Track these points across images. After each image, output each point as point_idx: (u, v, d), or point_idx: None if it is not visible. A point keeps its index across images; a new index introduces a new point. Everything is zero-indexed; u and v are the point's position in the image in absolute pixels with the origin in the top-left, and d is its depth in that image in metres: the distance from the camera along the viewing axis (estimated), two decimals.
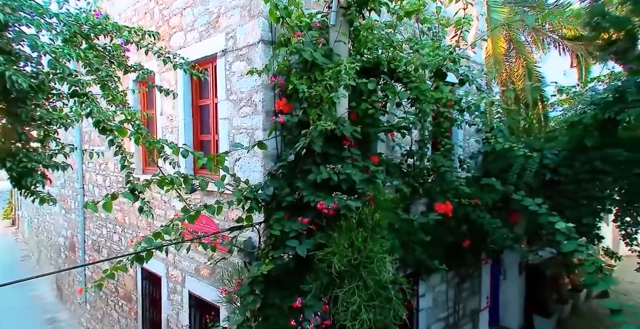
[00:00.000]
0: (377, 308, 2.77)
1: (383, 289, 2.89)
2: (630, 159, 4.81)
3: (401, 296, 3.06)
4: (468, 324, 6.38)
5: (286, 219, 3.17)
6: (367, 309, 2.68)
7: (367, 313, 2.64)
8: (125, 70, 2.65)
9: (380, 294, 2.85)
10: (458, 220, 5.08)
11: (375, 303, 2.74)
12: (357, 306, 2.68)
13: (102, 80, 2.27)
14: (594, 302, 9.84)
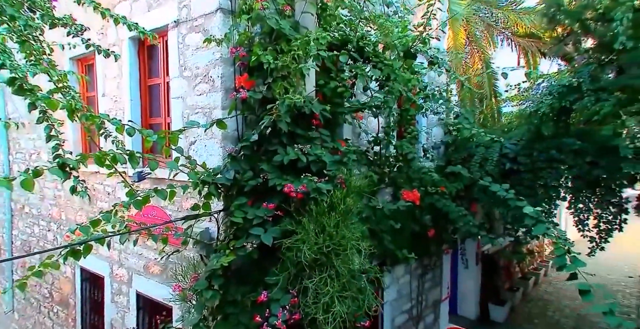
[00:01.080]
0: (350, 299, 2.54)
1: (356, 279, 2.67)
2: (582, 148, 4.98)
3: (372, 286, 2.88)
4: (430, 315, 6.38)
5: (249, 205, 2.86)
6: (339, 301, 2.45)
7: (340, 304, 2.40)
8: (52, 24, 2.19)
9: (353, 284, 2.63)
10: (423, 209, 5.02)
11: (348, 293, 2.52)
12: (330, 297, 2.43)
13: (21, 33, 1.83)
14: (541, 288, 10.40)
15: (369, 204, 3.85)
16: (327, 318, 2.40)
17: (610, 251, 14.37)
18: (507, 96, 9.41)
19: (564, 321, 8.36)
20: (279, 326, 2.36)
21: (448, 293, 6.92)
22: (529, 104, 5.49)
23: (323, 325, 2.52)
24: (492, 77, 8.67)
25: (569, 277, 3.25)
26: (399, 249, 4.20)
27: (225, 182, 2.88)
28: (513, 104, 8.33)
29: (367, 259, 2.71)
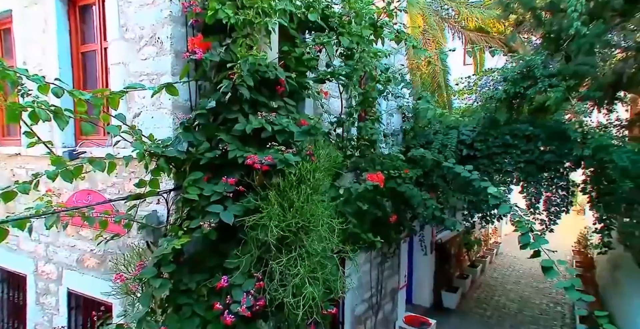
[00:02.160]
0: (321, 281, 2.29)
1: (328, 260, 2.43)
2: (534, 134, 5.15)
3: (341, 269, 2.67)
4: (389, 304, 6.33)
5: (205, 181, 2.51)
6: (310, 283, 2.19)
7: (311, 286, 2.15)
8: None
9: (324, 265, 2.39)
10: (385, 194, 4.91)
11: (319, 274, 2.27)
12: (300, 279, 2.17)
13: None
14: (487, 274, 10.87)
15: (335, 185, 3.63)
16: (298, 302, 2.13)
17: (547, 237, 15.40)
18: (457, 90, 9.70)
19: (509, 304, 8.77)
20: (242, 312, 2.06)
21: (405, 281, 6.93)
22: (484, 91, 5.56)
23: (292, 310, 2.25)
24: (445, 70, 8.87)
25: (532, 254, 3.26)
26: (364, 233, 4.03)
27: (177, 155, 2.50)
28: (463, 98, 8.54)
29: (339, 238, 2.48)
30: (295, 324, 2.45)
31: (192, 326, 2.32)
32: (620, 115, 6.55)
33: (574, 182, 5.25)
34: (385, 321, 6.22)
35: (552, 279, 9.45)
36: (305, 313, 2.49)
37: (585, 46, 4.43)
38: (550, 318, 8.08)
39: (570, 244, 13.01)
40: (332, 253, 2.47)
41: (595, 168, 4.79)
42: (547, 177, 5.26)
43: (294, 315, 2.40)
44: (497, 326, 7.62)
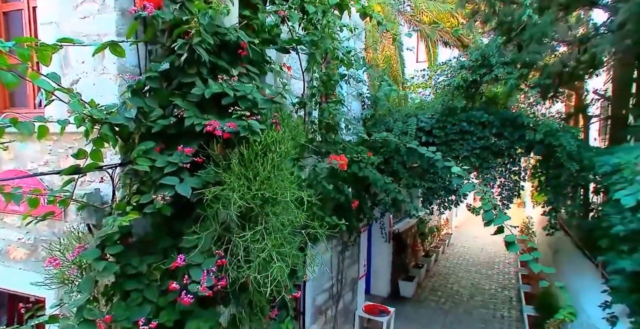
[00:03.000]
0: (289, 257, 2.11)
1: (295, 236, 2.25)
2: (489, 121, 5.31)
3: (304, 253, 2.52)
4: (349, 294, 6.27)
5: (158, 152, 2.23)
6: (277, 259, 2.00)
7: (279, 262, 1.96)
8: None
9: (291, 241, 2.21)
10: (347, 180, 4.82)
11: (287, 249, 2.08)
12: (267, 254, 1.97)
13: None
14: (440, 264, 11.23)
15: (299, 164, 3.45)
16: (264, 278, 1.93)
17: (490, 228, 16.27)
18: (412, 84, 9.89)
19: (462, 290, 9.09)
20: (202, 291, 1.83)
21: (365, 271, 6.91)
22: (442, 80, 5.65)
23: (257, 289, 2.05)
24: (401, 62, 8.99)
25: (496, 231, 3.30)
26: (328, 217, 3.89)
27: (124, 122, 2.19)
28: (417, 93, 8.71)
29: (307, 213, 2.31)
30: (260, 306, 2.25)
31: (143, 313, 2.04)
32: (560, 109, 7.01)
33: (525, 167, 5.48)
34: (345, 310, 6.15)
35: (498, 267, 9.84)
36: (271, 294, 2.31)
37: (537, 35, 4.61)
38: (499, 302, 8.47)
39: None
40: (301, 228, 2.30)
41: (544, 153, 5.01)
42: (500, 163, 5.44)
43: (258, 295, 2.21)
44: (451, 312, 7.84)
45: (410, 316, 7.51)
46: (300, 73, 4.23)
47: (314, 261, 3.03)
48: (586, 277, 5.68)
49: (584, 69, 6.04)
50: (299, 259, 2.22)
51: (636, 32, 4.29)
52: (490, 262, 11.62)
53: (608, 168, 4.09)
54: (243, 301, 2.27)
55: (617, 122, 6.17)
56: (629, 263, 3.28)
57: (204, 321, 2.08)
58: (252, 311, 2.29)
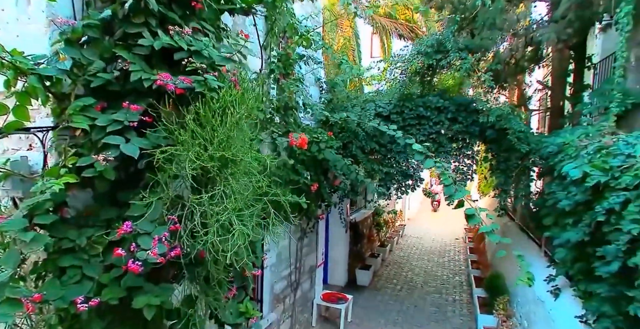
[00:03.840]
0: (250, 223, 1.95)
1: (257, 202, 2.09)
2: (444, 106, 5.43)
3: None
4: (307, 282, 6.16)
5: (99, 110, 1.97)
6: (240, 224, 1.84)
7: (239, 226, 1.80)
8: None
9: (253, 207, 2.04)
10: (305, 163, 4.71)
11: (247, 212, 1.92)
12: (227, 218, 1.80)
13: None
14: (395, 253, 11.46)
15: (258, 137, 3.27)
16: (224, 245, 1.76)
17: (441, 220, 16.84)
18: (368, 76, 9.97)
19: (416, 278, 9.33)
20: (153, 256, 1.62)
21: (323, 259, 6.84)
22: (399, 65, 5.70)
23: (214, 262, 1.88)
24: (358, 50, 9.03)
25: (457, 205, 3.34)
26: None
27: (56, 74, 1.91)
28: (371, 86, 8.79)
29: (269, 178, 2.16)
30: (217, 281, 2.07)
31: (81, 292, 1.78)
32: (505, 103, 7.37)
33: (478, 152, 5.67)
34: (303, 299, 6.04)
35: (449, 255, 10.17)
36: (229, 267, 2.14)
37: (488, 21, 4.76)
38: (451, 287, 8.78)
39: (462, 225, 14.49)
40: (261, 195, 2.14)
41: (495, 137, 5.21)
42: (455, 147, 5.59)
43: (215, 269, 2.03)
44: (406, 298, 8.00)
45: (368, 304, 7.56)
46: (258, 50, 4.05)
47: (274, 236, 2.89)
48: (531, 256, 6.00)
49: (528, 61, 6.38)
50: (260, 228, 2.07)
51: (577, 21, 4.58)
52: (441, 251, 12.06)
53: (554, 148, 4.32)
54: (199, 275, 2.08)
55: (555, 112, 6.59)
56: (573, 234, 3.45)
57: (154, 295, 1.87)
58: (209, 287, 2.10)
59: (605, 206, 2.72)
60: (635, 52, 4.50)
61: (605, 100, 4.63)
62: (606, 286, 2.89)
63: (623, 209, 2.48)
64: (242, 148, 2.01)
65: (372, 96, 6.42)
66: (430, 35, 5.54)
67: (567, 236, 3.57)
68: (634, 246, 2.40)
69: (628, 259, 2.58)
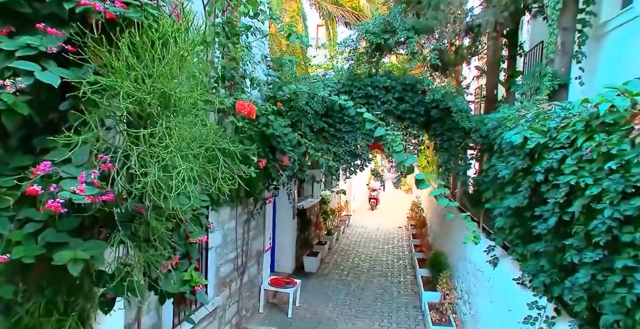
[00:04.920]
0: (196, 166, 1.75)
1: (204, 149, 1.89)
2: (392, 86, 5.51)
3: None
4: (254, 267, 5.95)
5: (5, 34, 1.65)
6: (184, 166, 1.63)
7: (186, 164, 1.60)
8: None
9: (198, 155, 1.84)
10: (252, 138, 4.52)
11: (192, 153, 1.72)
12: (170, 157, 1.59)
13: None
14: (342, 242, 11.56)
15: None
16: (167, 188, 1.55)
17: (385, 211, 17.26)
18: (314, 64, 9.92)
19: (362, 263, 9.47)
20: (80, 192, 1.37)
21: (270, 244, 6.66)
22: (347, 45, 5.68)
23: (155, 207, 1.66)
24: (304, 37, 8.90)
25: (407, 171, 3.36)
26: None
27: None
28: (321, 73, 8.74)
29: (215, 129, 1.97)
30: (158, 237, 1.84)
31: None
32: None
33: (424, 131, 5.83)
34: (250, 284, 5.82)
35: (393, 242, 10.37)
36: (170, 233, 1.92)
37: (433, 1, 4.88)
38: (396, 270, 9.03)
39: (405, 214, 15.08)
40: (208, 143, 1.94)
41: (440, 116, 5.38)
42: (402, 126, 5.69)
43: (155, 224, 1.80)
44: (353, 281, 8.08)
45: (316, 289, 7.51)
46: (201, 18, 3.78)
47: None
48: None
49: (467, 48, 6.70)
50: (208, 178, 1.87)
51: (512, 5, 4.86)
52: (386, 238, 12.39)
53: (494, 123, 4.55)
54: (136, 230, 1.83)
55: (490, 98, 6.99)
56: (512, 200, 3.63)
57: (83, 249, 1.60)
58: (148, 245, 1.86)
59: (544, 166, 2.87)
60: (561, 37, 4.86)
61: (536, 81, 4.97)
62: (543, 242, 3.06)
63: (561, 166, 2.62)
64: (188, 85, 1.80)
65: (320, 77, 6.35)
66: (377, 17, 5.58)
67: (507, 202, 3.75)
68: (570, 198, 2.55)
69: (564, 214, 2.74)
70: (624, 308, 1.95)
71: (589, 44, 5.04)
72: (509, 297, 4.05)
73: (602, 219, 2.09)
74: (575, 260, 2.42)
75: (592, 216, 2.26)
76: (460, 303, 5.93)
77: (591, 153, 2.18)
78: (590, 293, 2.35)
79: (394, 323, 6.14)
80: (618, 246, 2.08)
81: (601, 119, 2.22)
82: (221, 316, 4.85)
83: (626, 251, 1.95)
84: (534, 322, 3.18)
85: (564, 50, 4.90)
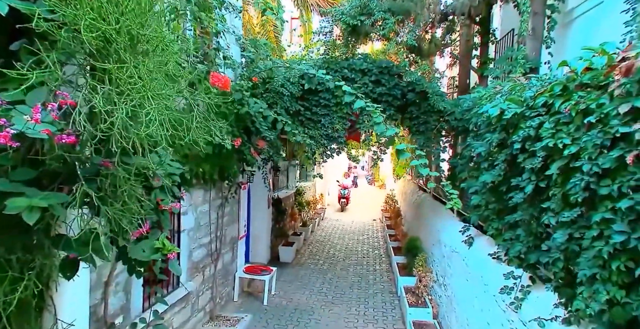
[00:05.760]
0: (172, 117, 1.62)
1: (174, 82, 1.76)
2: (368, 68, 5.48)
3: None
4: (228, 254, 5.79)
5: None
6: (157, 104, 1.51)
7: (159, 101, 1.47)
8: None
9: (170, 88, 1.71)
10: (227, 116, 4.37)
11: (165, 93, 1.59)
12: (142, 97, 1.46)
13: None
14: (317, 233, 11.51)
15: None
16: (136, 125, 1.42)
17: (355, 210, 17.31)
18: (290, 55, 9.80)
19: (338, 253, 9.45)
20: (35, 122, 1.22)
21: (245, 232, 6.51)
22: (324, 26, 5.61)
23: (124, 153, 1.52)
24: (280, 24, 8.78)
25: (388, 141, 3.33)
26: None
27: None
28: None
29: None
30: (125, 189, 1.70)
31: None
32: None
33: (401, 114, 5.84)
34: (225, 271, 5.66)
35: (368, 234, 10.40)
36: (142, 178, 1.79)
37: None
38: (371, 259, 9.06)
39: (379, 207, 15.21)
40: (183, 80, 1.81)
41: (416, 99, 5.40)
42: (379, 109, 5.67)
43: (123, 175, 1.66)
44: (329, 270, 8.03)
45: (292, 278, 7.41)
46: None
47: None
48: (444, 218, 6.41)
49: (442, 37, 6.78)
50: (180, 127, 1.75)
51: None
52: (361, 230, 12.44)
53: (469, 103, 4.60)
54: (102, 184, 1.68)
55: (463, 87, 7.12)
56: (488, 176, 3.68)
57: (41, 198, 1.44)
58: (116, 200, 1.71)
59: (521, 135, 2.90)
60: (532, 21, 4.99)
61: (508, 65, 5.08)
62: (519, 212, 3.10)
63: (538, 132, 2.65)
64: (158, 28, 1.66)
65: (297, 60, 6.25)
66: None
67: (483, 178, 3.79)
68: (547, 163, 2.58)
69: (540, 181, 2.78)
70: (601, 260, 1.98)
71: (558, 30, 5.20)
72: (484, 273, 4.10)
73: (580, 177, 2.12)
74: (552, 222, 2.45)
75: (569, 177, 2.29)
76: (436, 286, 5.99)
77: (570, 112, 2.21)
78: (566, 253, 2.39)
79: (370, 308, 6.14)
80: (595, 203, 2.11)
81: (578, 81, 2.25)
82: (194, 302, 4.67)
83: (604, 204, 1.97)
84: (509, 292, 3.22)
85: (534, 35, 5.02)
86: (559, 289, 2.56)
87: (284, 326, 5.34)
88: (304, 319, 5.61)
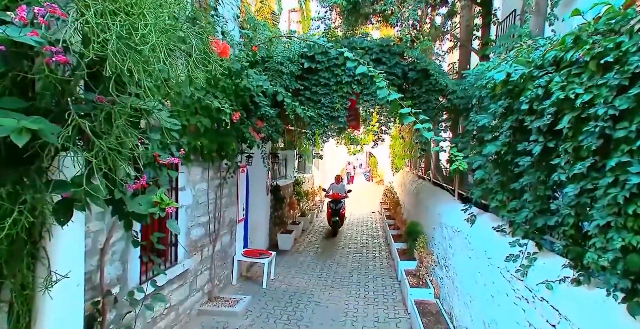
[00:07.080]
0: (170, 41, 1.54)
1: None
2: (369, 47, 5.40)
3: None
4: (227, 235, 5.70)
5: None
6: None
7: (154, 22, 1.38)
8: None
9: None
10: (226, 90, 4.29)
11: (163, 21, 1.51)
12: (139, 15, 1.37)
13: None
14: (315, 224, 11.44)
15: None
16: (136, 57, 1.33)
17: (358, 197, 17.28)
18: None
19: (337, 242, 9.37)
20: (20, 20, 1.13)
21: (244, 215, 6.42)
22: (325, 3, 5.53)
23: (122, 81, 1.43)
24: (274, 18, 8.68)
25: (392, 107, 3.25)
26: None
27: None
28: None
29: None
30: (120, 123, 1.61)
31: None
32: None
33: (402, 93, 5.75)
34: (223, 253, 5.57)
35: (367, 225, 10.27)
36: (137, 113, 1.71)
37: None
38: (371, 247, 8.99)
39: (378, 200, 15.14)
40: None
41: (417, 78, 5.33)
42: None
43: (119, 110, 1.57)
44: (329, 257, 7.96)
45: (290, 264, 7.33)
46: None
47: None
48: (445, 201, 6.35)
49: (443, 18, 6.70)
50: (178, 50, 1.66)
51: None
52: (360, 221, 12.37)
53: (472, 78, 4.53)
54: (96, 117, 1.59)
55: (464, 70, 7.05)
56: (492, 147, 3.61)
57: (31, 121, 1.36)
58: (110, 134, 1.62)
59: (528, 96, 2.83)
60: None
61: (511, 42, 5.01)
62: (526, 176, 3.02)
63: (547, 88, 2.57)
64: None
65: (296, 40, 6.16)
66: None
67: (487, 150, 3.72)
68: (556, 119, 2.51)
69: (548, 141, 2.71)
70: (616, 207, 1.91)
71: (560, 8, 5.14)
72: (488, 247, 4.03)
73: (594, 124, 2.05)
74: (562, 178, 2.38)
75: (580, 129, 2.22)
76: (437, 269, 5.93)
77: (583, 58, 2.13)
78: (577, 208, 2.31)
79: (370, 291, 6.07)
80: (608, 152, 2.04)
81: (592, 28, 2.18)
82: (192, 281, 4.58)
83: (619, 149, 1.90)
84: (515, 259, 3.15)
85: (538, 11, 4.96)
86: (568, 247, 2.49)
87: (283, 308, 5.26)
88: (304, 301, 5.53)
